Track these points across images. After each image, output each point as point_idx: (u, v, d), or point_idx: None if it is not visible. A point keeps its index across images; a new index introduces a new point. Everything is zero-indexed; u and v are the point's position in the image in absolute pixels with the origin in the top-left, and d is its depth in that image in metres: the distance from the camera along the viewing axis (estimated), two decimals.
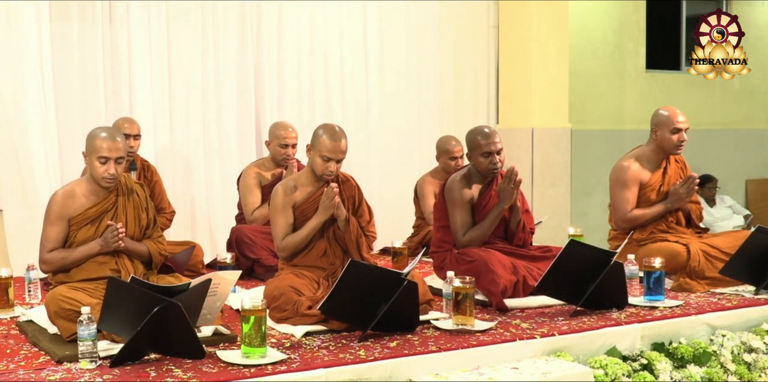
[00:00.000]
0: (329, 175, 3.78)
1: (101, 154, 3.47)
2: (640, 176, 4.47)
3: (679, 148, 4.46)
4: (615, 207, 4.50)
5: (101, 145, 3.47)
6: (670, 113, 4.46)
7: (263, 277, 4.66)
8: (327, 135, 3.74)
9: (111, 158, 3.47)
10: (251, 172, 5.12)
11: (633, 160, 4.50)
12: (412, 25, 6.56)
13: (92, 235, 3.53)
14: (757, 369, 3.61)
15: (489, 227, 4.09)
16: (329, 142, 3.72)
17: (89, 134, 3.56)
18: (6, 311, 3.83)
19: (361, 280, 3.26)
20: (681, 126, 4.42)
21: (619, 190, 4.47)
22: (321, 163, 3.76)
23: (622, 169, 4.49)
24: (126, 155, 3.56)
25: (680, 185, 4.41)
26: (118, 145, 3.50)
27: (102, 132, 3.54)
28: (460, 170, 4.27)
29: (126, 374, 2.86)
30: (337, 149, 3.73)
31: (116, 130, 3.66)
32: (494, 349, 3.22)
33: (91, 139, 3.52)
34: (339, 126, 3.84)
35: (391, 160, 6.48)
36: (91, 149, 3.51)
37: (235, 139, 5.85)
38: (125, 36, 5.45)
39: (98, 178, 3.51)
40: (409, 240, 5.51)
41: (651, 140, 4.52)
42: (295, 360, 2.99)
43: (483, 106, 6.94)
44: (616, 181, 4.49)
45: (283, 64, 6.00)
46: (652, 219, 4.43)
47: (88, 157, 3.53)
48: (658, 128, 4.47)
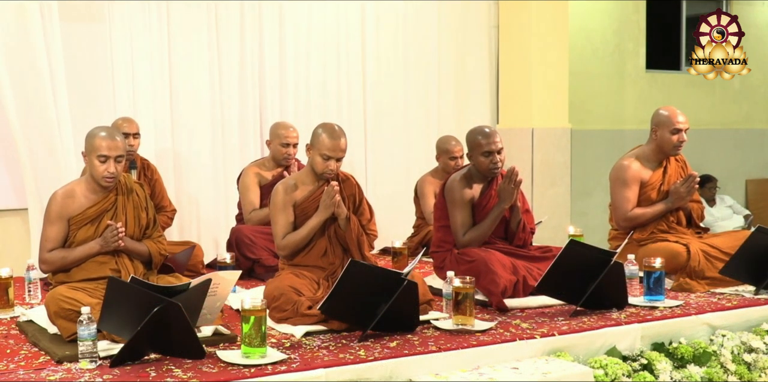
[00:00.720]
0: (329, 174, 3.79)
1: (100, 153, 3.47)
2: (641, 175, 4.47)
3: (678, 149, 4.46)
4: (616, 206, 4.50)
5: (100, 144, 3.47)
6: (670, 113, 4.46)
7: (263, 277, 4.66)
8: (326, 134, 3.75)
9: (110, 157, 3.48)
10: (251, 172, 5.12)
11: (633, 159, 4.50)
12: (412, 26, 6.56)
13: (92, 234, 3.53)
14: (757, 369, 3.61)
15: (489, 226, 4.09)
16: (328, 141, 3.73)
17: (88, 134, 3.56)
18: (6, 311, 3.83)
19: (361, 280, 3.26)
20: (681, 126, 4.42)
21: (620, 189, 4.47)
22: (321, 161, 3.76)
23: (622, 168, 4.49)
24: (125, 154, 3.56)
25: (681, 184, 4.40)
26: (117, 143, 3.50)
27: (101, 131, 3.54)
28: (461, 170, 4.27)
29: (126, 374, 2.86)
30: (336, 148, 3.74)
31: (115, 129, 3.67)
32: (494, 349, 3.22)
33: (90, 139, 3.53)
34: (338, 125, 3.84)
35: (391, 160, 6.48)
36: (90, 148, 3.51)
37: (235, 139, 5.85)
38: (126, 36, 5.44)
39: (98, 177, 3.51)
40: (409, 240, 5.51)
41: (651, 140, 4.52)
42: (295, 360, 2.99)
43: (483, 106, 6.94)
44: (616, 180, 4.49)
45: (283, 64, 6.00)
46: (653, 218, 4.43)
47: (87, 157, 3.54)
48: (658, 128, 4.47)
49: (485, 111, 6.94)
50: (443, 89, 6.73)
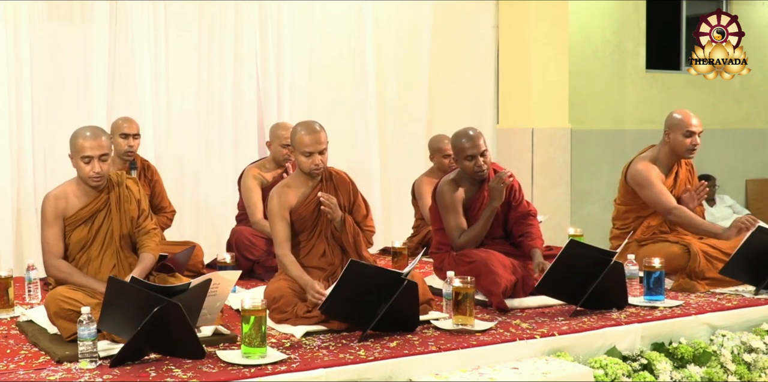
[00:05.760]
0: (317, 170, 3.74)
1: (84, 153, 3.43)
2: (660, 176, 4.47)
3: (692, 153, 4.43)
4: (656, 202, 4.41)
5: (83, 145, 3.43)
6: (684, 116, 4.44)
7: (263, 277, 4.66)
8: (303, 131, 3.71)
9: (94, 157, 3.43)
10: (252, 173, 5.10)
11: (648, 162, 4.48)
12: (412, 25, 6.56)
13: (86, 235, 3.51)
14: (757, 369, 3.61)
15: (483, 227, 4.08)
16: (305, 136, 3.69)
17: (72, 135, 3.51)
18: (6, 311, 3.83)
19: (361, 280, 3.26)
20: (694, 129, 4.40)
21: (651, 188, 4.42)
22: (305, 159, 3.72)
23: (644, 170, 4.44)
24: (110, 151, 3.51)
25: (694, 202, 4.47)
26: (101, 142, 3.45)
27: (84, 131, 3.49)
28: (449, 174, 4.26)
29: (126, 374, 2.86)
30: (314, 141, 3.68)
31: (98, 128, 3.59)
32: (494, 349, 3.22)
33: (74, 140, 3.48)
34: (315, 121, 3.80)
35: (391, 160, 6.48)
36: (74, 150, 3.47)
37: (235, 139, 5.85)
38: (125, 36, 5.45)
39: (85, 178, 3.48)
40: (409, 240, 5.50)
41: (663, 143, 4.50)
42: (295, 360, 2.99)
43: (483, 106, 6.94)
44: (645, 183, 4.43)
45: (282, 65, 6.00)
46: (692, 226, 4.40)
47: (73, 159, 3.50)
48: (671, 131, 4.45)
49: (485, 111, 6.94)
50: (443, 89, 6.72)
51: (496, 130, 6.96)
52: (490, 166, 4.14)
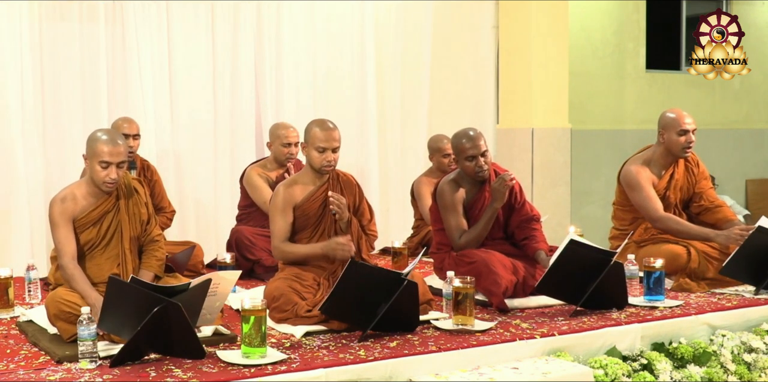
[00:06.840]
0: (328, 167, 3.76)
1: (103, 159, 3.41)
2: (652, 179, 4.46)
3: (687, 151, 4.44)
4: (642, 207, 4.43)
5: (103, 150, 3.41)
6: (677, 115, 4.45)
7: (263, 277, 4.66)
8: (318, 127, 3.75)
9: (113, 163, 3.42)
10: (256, 172, 5.10)
11: (640, 165, 4.48)
12: (412, 25, 6.56)
13: (94, 236, 3.50)
14: (757, 369, 3.61)
15: (484, 228, 4.08)
16: (321, 133, 3.72)
17: (90, 137, 3.49)
18: (6, 311, 3.83)
19: (361, 280, 3.26)
20: (688, 127, 4.41)
21: (639, 192, 4.43)
22: (317, 155, 3.74)
23: (634, 173, 4.44)
24: (127, 158, 3.53)
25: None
26: (120, 149, 3.44)
27: (104, 135, 3.46)
28: (449, 174, 4.26)
29: (126, 374, 2.86)
30: (329, 138, 3.72)
31: (117, 133, 3.59)
32: (494, 349, 3.22)
33: (92, 142, 3.46)
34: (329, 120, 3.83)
35: (390, 160, 6.48)
36: (92, 153, 3.45)
37: (235, 140, 5.85)
38: (126, 36, 5.46)
39: (99, 182, 3.46)
40: (409, 240, 5.50)
41: (659, 143, 4.50)
42: (295, 360, 2.99)
43: (483, 106, 6.94)
44: (635, 185, 4.44)
45: (282, 65, 6.00)
46: (681, 233, 4.36)
47: (88, 160, 3.47)
48: (665, 131, 4.45)
49: (485, 111, 6.95)
50: (443, 89, 6.72)
51: (496, 130, 6.96)
52: (491, 167, 4.14)
